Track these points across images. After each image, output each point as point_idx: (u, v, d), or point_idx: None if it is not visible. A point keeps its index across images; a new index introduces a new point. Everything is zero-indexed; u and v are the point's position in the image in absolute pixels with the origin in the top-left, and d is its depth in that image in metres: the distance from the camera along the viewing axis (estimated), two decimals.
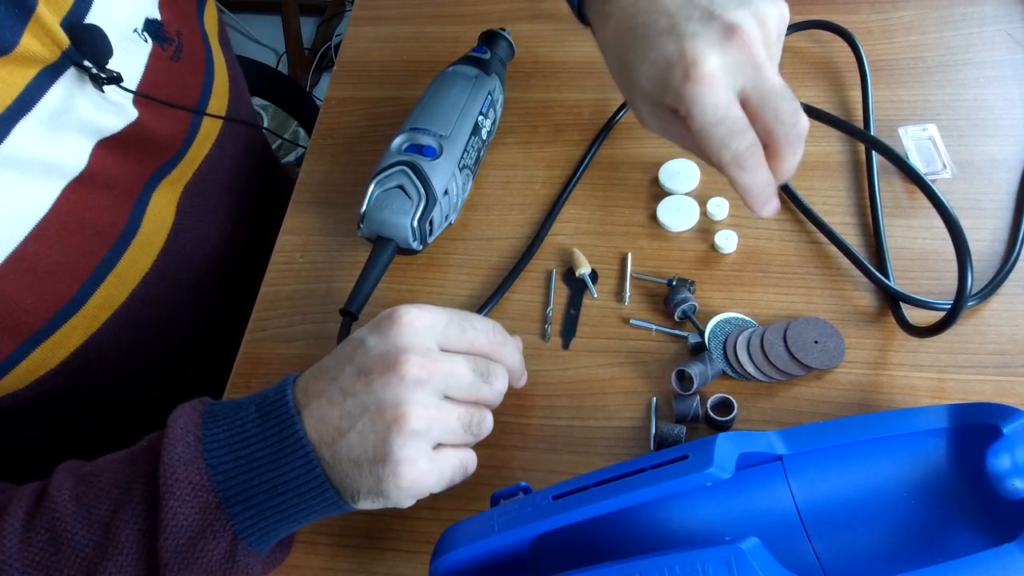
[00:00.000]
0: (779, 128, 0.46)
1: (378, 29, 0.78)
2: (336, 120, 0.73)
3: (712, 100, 0.45)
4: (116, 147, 0.54)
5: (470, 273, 0.62)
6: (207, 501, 0.40)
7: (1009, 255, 0.56)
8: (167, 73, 0.57)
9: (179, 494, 0.39)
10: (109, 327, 0.60)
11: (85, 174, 0.53)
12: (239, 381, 0.59)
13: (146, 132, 0.56)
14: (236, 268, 0.73)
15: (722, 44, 0.45)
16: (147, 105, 0.56)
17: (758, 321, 0.56)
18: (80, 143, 0.52)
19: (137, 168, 0.58)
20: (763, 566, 0.38)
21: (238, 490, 0.40)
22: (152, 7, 0.56)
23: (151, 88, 0.55)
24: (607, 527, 0.46)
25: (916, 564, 0.39)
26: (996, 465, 0.43)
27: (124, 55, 0.53)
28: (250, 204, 0.75)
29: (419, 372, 0.43)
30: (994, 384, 0.52)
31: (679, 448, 0.43)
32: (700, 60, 0.45)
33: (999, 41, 0.68)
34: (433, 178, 0.58)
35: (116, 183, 0.56)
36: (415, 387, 0.42)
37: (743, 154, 0.46)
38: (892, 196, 0.61)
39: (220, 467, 0.40)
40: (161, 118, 0.58)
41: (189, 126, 0.62)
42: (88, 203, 0.54)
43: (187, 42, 0.60)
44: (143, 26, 0.55)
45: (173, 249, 0.63)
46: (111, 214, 0.56)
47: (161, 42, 0.57)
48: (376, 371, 0.43)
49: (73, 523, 0.40)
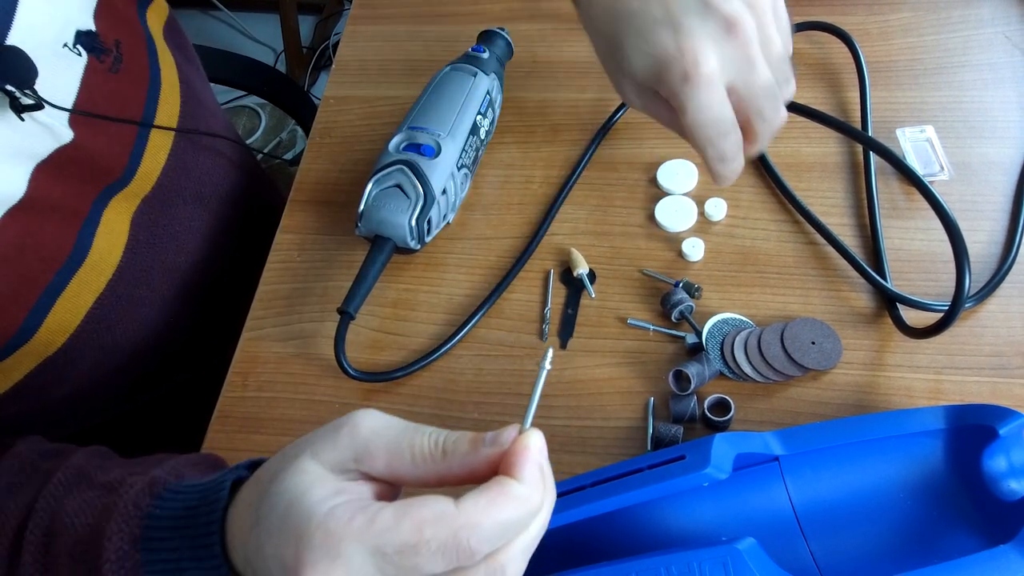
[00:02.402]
0: (760, 123, 0.48)
1: (376, 28, 0.78)
2: (334, 119, 0.72)
3: (708, 102, 0.45)
4: (56, 170, 0.51)
5: (468, 273, 0.62)
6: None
7: (1006, 257, 0.56)
8: (105, 87, 0.54)
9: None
10: (66, 351, 0.58)
11: (25, 200, 0.50)
12: (236, 380, 0.59)
13: (86, 152, 0.53)
14: (213, 277, 0.71)
15: (721, 41, 0.45)
16: (85, 123, 0.52)
17: (755, 322, 0.56)
18: (15, 169, 0.49)
19: (82, 188, 0.55)
20: (759, 566, 0.38)
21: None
22: (85, 17, 0.53)
23: (88, 105, 0.52)
24: (604, 527, 0.46)
25: (912, 565, 0.39)
26: (992, 466, 0.44)
27: (55, 73, 0.50)
28: (224, 213, 0.72)
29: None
30: (990, 385, 0.52)
31: (676, 448, 0.43)
32: (701, 61, 0.45)
33: (996, 43, 0.68)
34: (431, 177, 0.58)
35: (61, 206, 0.53)
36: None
37: (726, 151, 0.48)
38: (889, 197, 0.61)
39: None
40: (102, 135, 0.55)
41: (135, 141, 0.59)
42: (30, 229, 0.51)
43: (127, 51, 0.57)
44: (75, 39, 0.51)
45: (130, 267, 0.60)
46: (57, 238, 0.54)
47: (97, 54, 0.53)
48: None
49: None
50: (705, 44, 0.45)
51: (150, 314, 0.65)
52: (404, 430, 0.34)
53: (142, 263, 0.62)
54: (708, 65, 0.45)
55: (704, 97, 0.45)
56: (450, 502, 0.31)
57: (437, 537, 0.30)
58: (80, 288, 0.57)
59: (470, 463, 0.33)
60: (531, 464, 0.32)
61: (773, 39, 0.47)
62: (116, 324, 0.61)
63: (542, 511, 0.33)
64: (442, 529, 0.30)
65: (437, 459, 0.33)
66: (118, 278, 0.60)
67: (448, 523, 0.30)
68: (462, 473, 0.33)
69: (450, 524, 0.30)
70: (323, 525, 0.31)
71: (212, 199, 0.70)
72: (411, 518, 0.31)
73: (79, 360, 0.60)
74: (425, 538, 0.30)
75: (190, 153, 0.66)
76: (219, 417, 0.57)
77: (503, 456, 0.32)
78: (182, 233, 0.66)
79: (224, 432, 0.57)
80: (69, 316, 0.57)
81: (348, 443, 0.34)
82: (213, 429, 0.57)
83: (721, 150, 0.48)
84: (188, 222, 0.67)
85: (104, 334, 0.61)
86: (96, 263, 0.57)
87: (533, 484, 0.32)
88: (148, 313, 0.65)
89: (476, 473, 0.33)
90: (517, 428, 0.33)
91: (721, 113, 0.46)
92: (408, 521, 0.31)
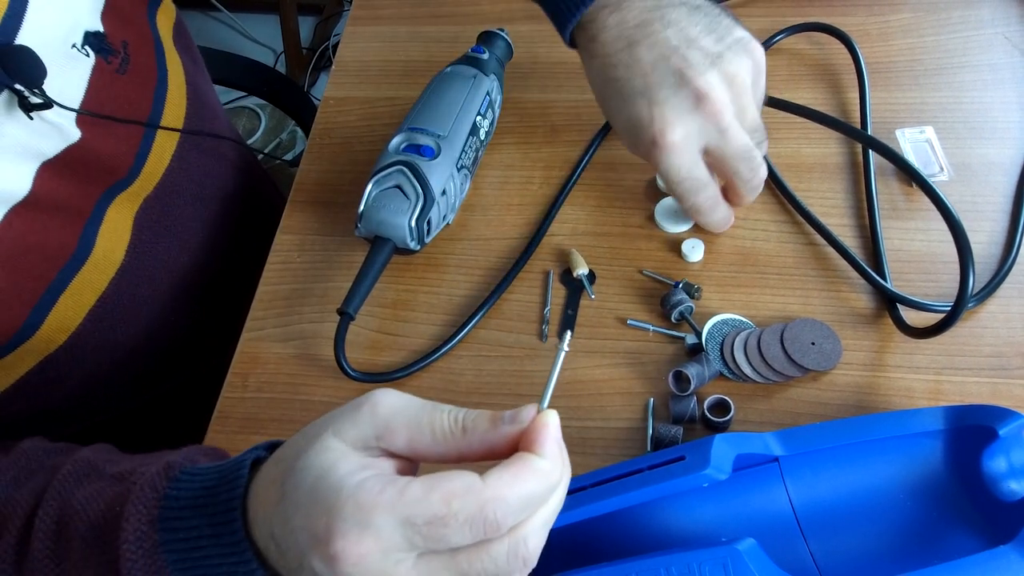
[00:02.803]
0: (738, 182, 0.54)
1: (376, 29, 0.78)
2: (334, 120, 0.72)
3: (676, 164, 0.52)
4: (62, 169, 0.52)
5: (468, 273, 0.62)
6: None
7: (1006, 258, 0.56)
8: (113, 88, 0.55)
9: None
10: (67, 348, 0.58)
11: (30, 198, 0.50)
12: (236, 380, 0.59)
13: (92, 152, 0.54)
14: (214, 276, 0.71)
15: (691, 112, 0.50)
16: (92, 123, 0.53)
17: (755, 322, 0.56)
18: (20, 167, 0.49)
19: (87, 188, 0.55)
20: (759, 567, 0.39)
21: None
22: (93, 18, 0.53)
23: (95, 105, 0.53)
24: (604, 528, 0.46)
25: (912, 566, 0.39)
26: (992, 467, 0.44)
27: (63, 73, 0.50)
28: (225, 213, 0.72)
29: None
30: (990, 386, 0.52)
31: (676, 449, 0.43)
32: (667, 130, 0.50)
33: (996, 44, 0.68)
34: (431, 178, 0.58)
35: (65, 204, 0.54)
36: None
37: (701, 204, 0.55)
38: (889, 198, 0.61)
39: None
40: (108, 136, 0.55)
41: (141, 141, 0.59)
42: (34, 227, 0.51)
43: (135, 52, 0.57)
44: (83, 40, 0.52)
45: (132, 266, 0.61)
46: (60, 236, 0.54)
47: (105, 55, 0.54)
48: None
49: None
50: (674, 115, 0.50)
51: (151, 313, 0.65)
52: (423, 408, 0.35)
53: (144, 262, 0.62)
54: (673, 135, 0.50)
55: (671, 161, 0.52)
56: (476, 477, 0.32)
57: (465, 509, 0.31)
58: (83, 286, 0.57)
59: (489, 440, 0.34)
60: (551, 440, 0.34)
61: (747, 108, 0.52)
62: (118, 322, 0.62)
63: (560, 485, 0.34)
64: (470, 502, 0.31)
65: (457, 436, 0.34)
66: (120, 277, 0.60)
67: (475, 496, 0.31)
68: (481, 450, 0.34)
69: (477, 497, 0.31)
70: (354, 496, 0.32)
71: (214, 199, 0.70)
72: (440, 491, 0.32)
73: (81, 358, 0.60)
74: (453, 510, 0.31)
75: (194, 154, 0.67)
76: (219, 417, 0.57)
77: (523, 434, 0.34)
78: (184, 233, 0.67)
79: (224, 432, 0.56)
80: (71, 314, 0.57)
81: (369, 421, 0.34)
82: (213, 429, 0.57)
83: (694, 204, 0.54)
84: (190, 222, 0.67)
85: (106, 332, 0.61)
86: (99, 262, 0.58)
87: (553, 459, 0.33)
88: (149, 312, 0.65)
89: (495, 450, 0.34)
90: (535, 408, 0.35)
91: (690, 173, 0.52)
92: (437, 493, 0.31)
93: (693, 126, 0.51)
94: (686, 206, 0.55)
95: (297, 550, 0.33)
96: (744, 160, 0.52)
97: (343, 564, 0.31)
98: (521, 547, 0.33)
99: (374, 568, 0.32)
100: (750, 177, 0.53)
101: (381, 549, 0.31)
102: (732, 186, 0.55)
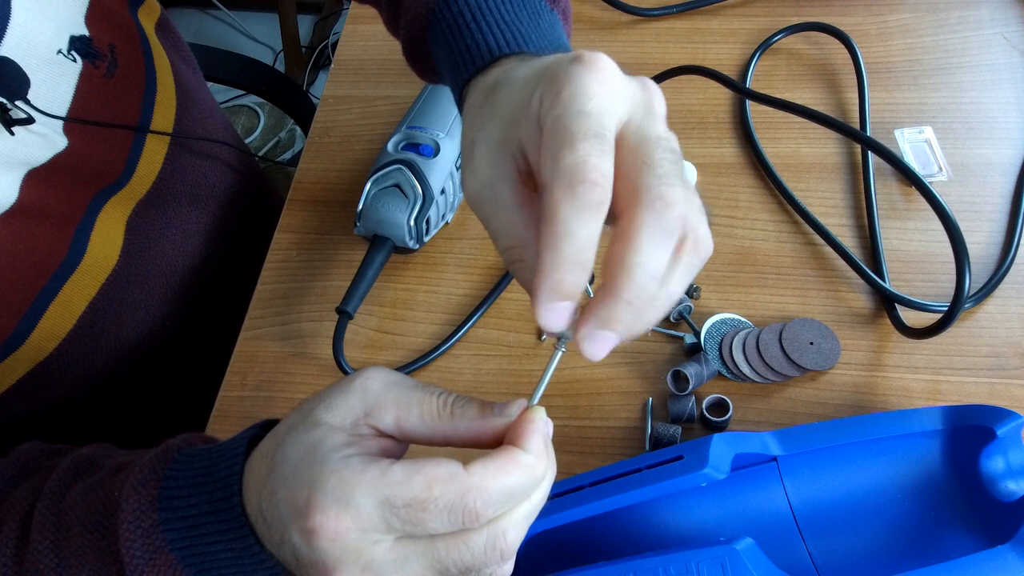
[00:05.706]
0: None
1: (376, 27, 0.78)
2: (333, 118, 0.72)
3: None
4: (49, 176, 0.51)
5: (466, 272, 0.62)
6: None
7: (1004, 258, 0.56)
8: (101, 93, 0.54)
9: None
10: (59, 355, 0.57)
11: (16, 207, 0.49)
12: (234, 379, 0.59)
13: (81, 158, 0.53)
14: (209, 278, 0.71)
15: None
16: (80, 130, 0.52)
17: (754, 322, 0.56)
18: (5, 177, 0.49)
19: (77, 192, 0.54)
20: (757, 566, 0.39)
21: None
22: (77, 23, 0.52)
23: (83, 112, 0.52)
24: (602, 527, 0.46)
25: (910, 565, 0.39)
26: (990, 467, 0.44)
27: (49, 80, 0.49)
28: (220, 215, 0.71)
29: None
30: (988, 386, 0.52)
31: (674, 448, 0.43)
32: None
33: (995, 44, 0.68)
34: (430, 177, 0.58)
35: (54, 211, 0.53)
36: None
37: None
38: (888, 198, 0.61)
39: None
40: (97, 141, 0.54)
41: (132, 145, 0.58)
42: (22, 235, 0.50)
43: (122, 55, 0.56)
44: (69, 46, 0.51)
45: (125, 270, 0.60)
46: (50, 243, 0.53)
47: (92, 60, 0.53)
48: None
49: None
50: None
51: (144, 317, 0.65)
52: (414, 387, 0.35)
53: (137, 266, 0.62)
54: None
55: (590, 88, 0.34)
56: (460, 465, 0.32)
57: (445, 496, 0.31)
58: (73, 293, 0.56)
59: (476, 428, 0.34)
60: (537, 436, 0.33)
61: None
62: (109, 328, 0.61)
63: (544, 482, 0.34)
64: (451, 489, 0.31)
65: (445, 419, 0.34)
66: (112, 282, 0.59)
67: (457, 484, 0.31)
68: (467, 437, 0.34)
69: (459, 485, 0.31)
70: (337, 472, 0.32)
71: (209, 200, 0.70)
72: (422, 475, 0.31)
73: (72, 364, 0.59)
74: (434, 495, 0.31)
75: (186, 155, 0.66)
76: (217, 416, 0.57)
77: (509, 427, 0.34)
78: (178, 235, 0.66)
79: (222, 431, 0.56)
80: (62, 321, 0.56)
81: (360, 396, 0.34)
82: (211, 428, 0.57)
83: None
84: (184, 224, 0.67)
85: (97, 338, 0.60)
86: (91, 267, 0.57)
87: (538, 455, 0.33)
88: (142, 316, 0.64)
89: (480, 439, 0.34)
90: (524, 402, 0.34)
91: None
92: (419, 477, 0.31)
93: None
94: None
95: (279, 523, 0.33)
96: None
97: (320, 539, 0.31)
98: (500, 539, 0.33)
99: (351, 546, 0.32)
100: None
101: (359, 527, 0.31)
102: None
